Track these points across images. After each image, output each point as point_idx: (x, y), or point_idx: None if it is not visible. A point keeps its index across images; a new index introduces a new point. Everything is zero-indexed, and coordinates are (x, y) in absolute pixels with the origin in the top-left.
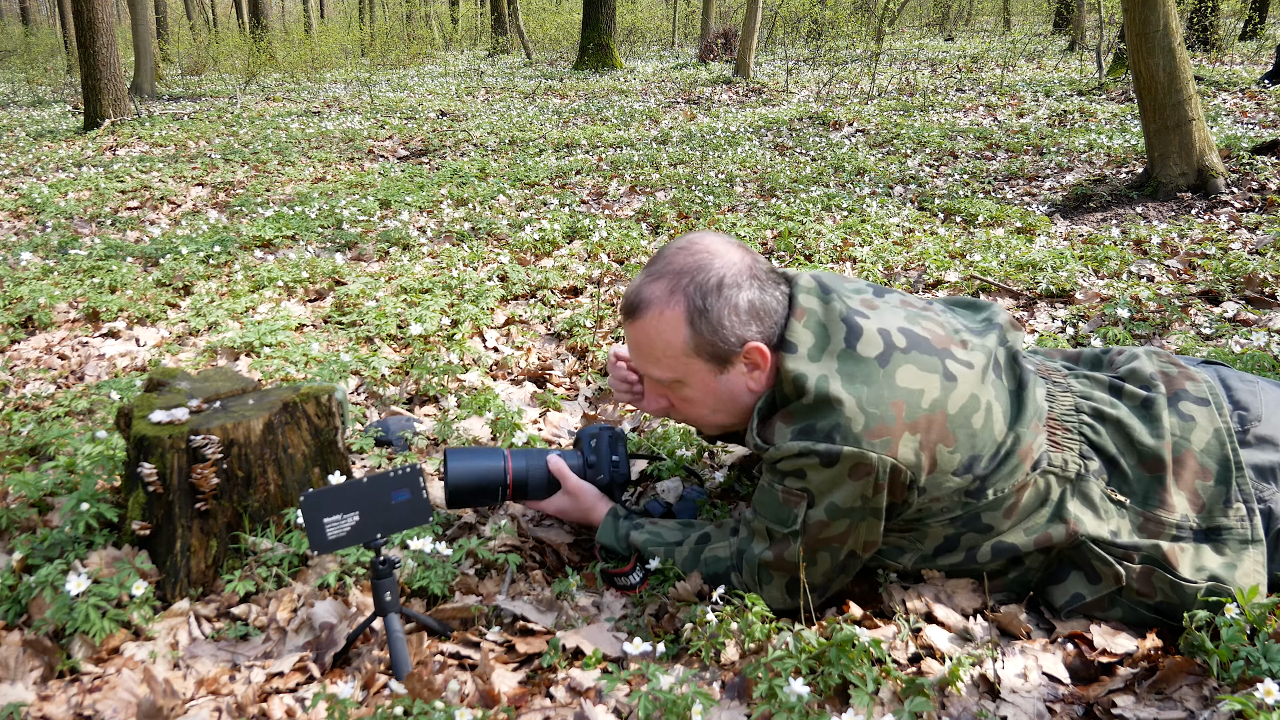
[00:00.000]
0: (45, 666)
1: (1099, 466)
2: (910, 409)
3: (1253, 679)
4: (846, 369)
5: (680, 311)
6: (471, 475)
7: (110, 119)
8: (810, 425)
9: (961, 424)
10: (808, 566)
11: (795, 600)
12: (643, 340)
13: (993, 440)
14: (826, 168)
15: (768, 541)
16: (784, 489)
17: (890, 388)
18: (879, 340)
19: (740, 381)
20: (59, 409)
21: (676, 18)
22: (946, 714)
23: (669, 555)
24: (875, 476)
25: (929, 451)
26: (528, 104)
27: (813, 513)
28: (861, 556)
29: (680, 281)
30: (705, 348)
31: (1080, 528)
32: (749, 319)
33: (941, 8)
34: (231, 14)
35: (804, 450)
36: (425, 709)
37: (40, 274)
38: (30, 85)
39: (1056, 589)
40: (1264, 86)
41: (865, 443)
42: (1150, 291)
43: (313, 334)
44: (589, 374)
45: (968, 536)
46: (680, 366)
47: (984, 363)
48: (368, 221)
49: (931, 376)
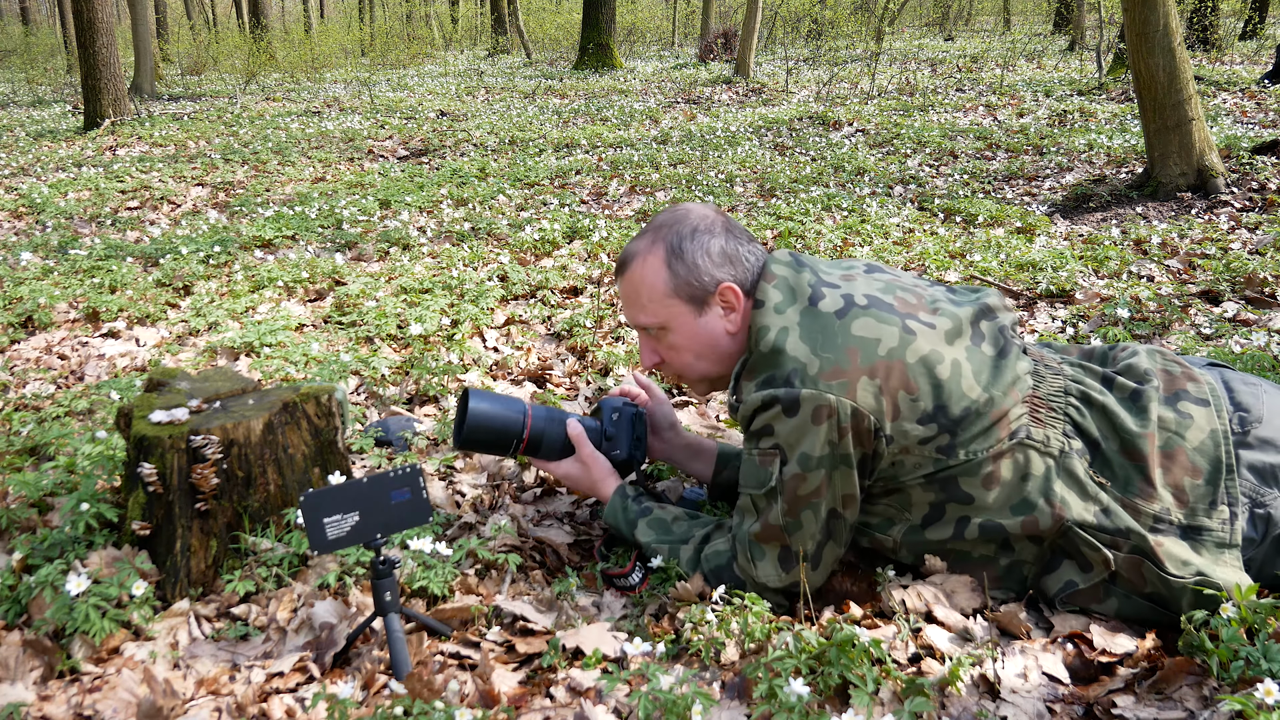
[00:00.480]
0: (45, 666)
1: (1081, 447)
2: (865, 355)
3: (1253, 679)
4: (805, 322)
5: (660, 256)
6: (490, 419)
7: (110, 119)
8: (770, 376)
9: (923, 373)
10: (794, 533)
11: (790, 575)
12: (629, 290)
13: (961, 395)
14: (826, 168)
15: (754, 514)
16: (759, 451)
17: (845, 336)
18: (840, 300)
19: (718, 325)
20: (59, 409)
21: (676, 18)
22: (946, 714)
23: (673, 554)
24: (837, 419)
25: (890, 398)
26: (528, 104)
27: (787, 469)
28: (845, 517)
29: (660, 233)
30: (683, 288)
31: (1066, 512)
32: (722, 261)
33: (941, 8)
34: (231, 14)
35: (766, 399)
36: (425, 709)
37: (40, 274)
38: (30, 85)
39: (1049, 578)
40: (1264, 86)
41: (821, 384)
42: (1150, 291)
43: (313, 334)
44: (589, 374)
45: (952, 506)
46: (663, 310)
47: (949, 326)
48: (368, 221)
49: (888, 329)
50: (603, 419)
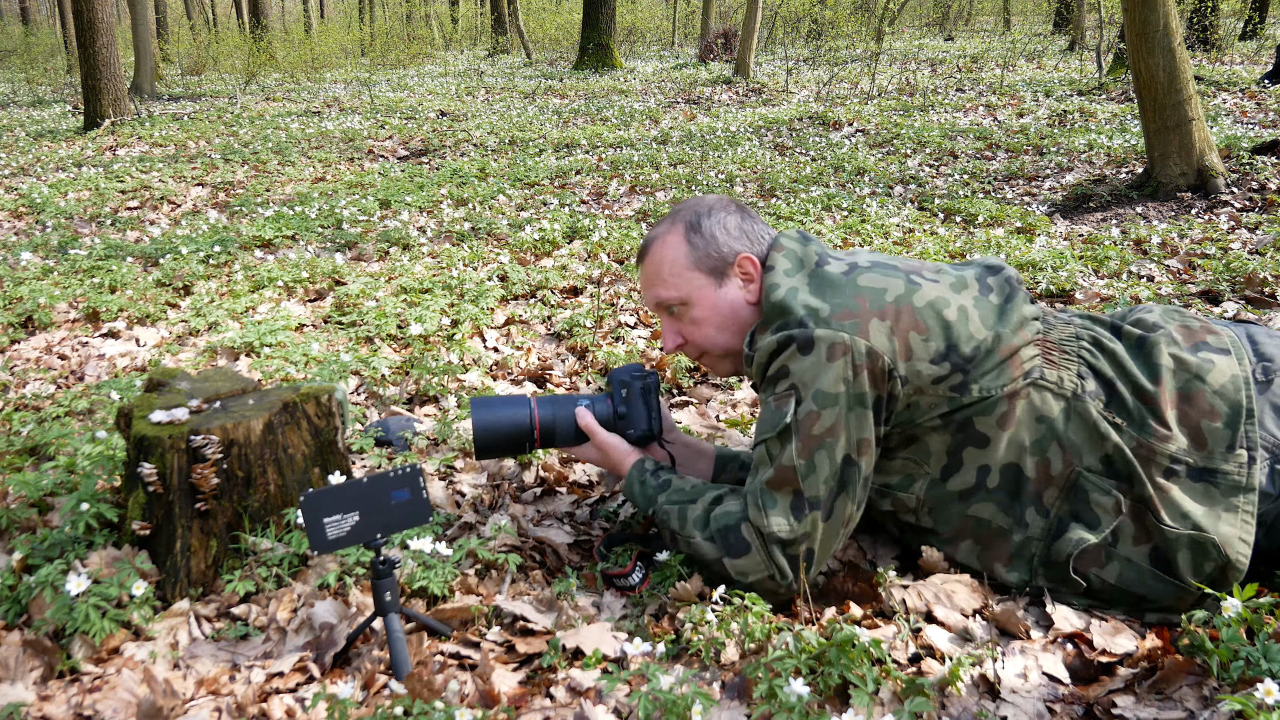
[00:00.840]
0: (45, 666)
1: (1095, 388)
2: (874, 301)
3: (1253, 679)
4: (814, 281)
5: (679, 233)
6: (497, 425)
7: (110, 119)
8: (784, 321)
9: (931, 315)
10: (807, 476)
11: (802, 524)
12: (650, 270)
13: (970, 335)
14: (826, 168)
15: (768, 462)
16: (775, 396)
17: (853, 288)
18: (845, 265)
19: (738, 295)
20: (59, 409)
21: (676, 18)
22: (946, 714)
23: (682, 515)
24: (851, 356)
25: (902, 338)
26: (528, 104)
27: (801, 407)
28: (860, 465)
29: (678, 215)
30: (703, 261)
31: (1076, 457)
32: (739, 234)
33: (941, 8)
34: (231, 14)
35: (781, 340)
36: (425, 709)
37: (40, 274)
38: (30, 85)
39: (1059, 543)
40: (1264, 86)
41: (835, 324)
42: (1150, 291)
43: (313, 334)
44: (589, 374)
45: (969, 451)
46: (684, 283)
47: (953, 280)
48: (368, 221)
49: (894, 280)
50: (613, 396)
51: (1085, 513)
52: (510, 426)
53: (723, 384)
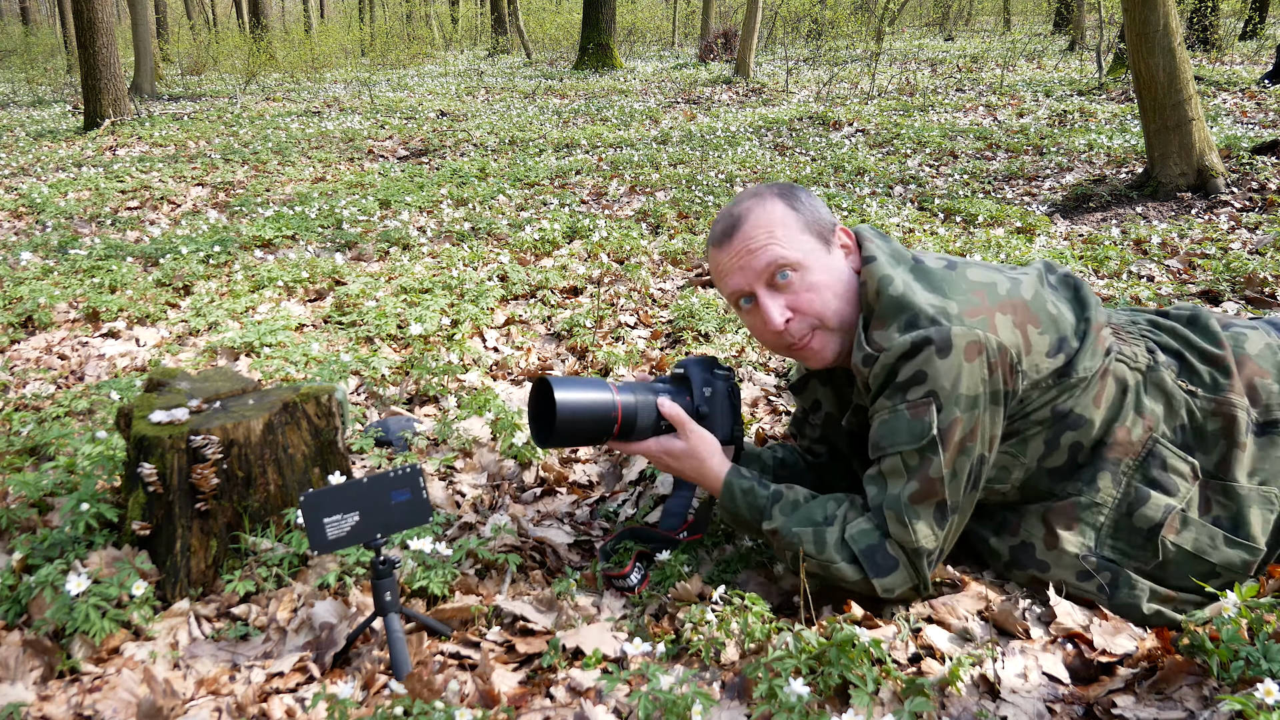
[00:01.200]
0: (45, 666)
1: (1166, 359)
2: (991, 295)
3: (1253, 679)
4: (921, 277)
5: (779, 203)
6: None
7: (110, 119)
8: (912, 317)
9: (1040, 308)
10: (951, 484)
11: (943, 530)
12: (757, 235)
13: (1070, 323)
14: (826, 168)
15: (905, 475)
16: (909, 404)
17: (966, 281)
18: (940, 260)
19: (844, 264)
20: (59, 409)
21: (676, 18)
22: (946, 714)
23: (820, 539)
24: (987, 355)
25: (1023, 332)
26: (528, 104)
27: (944, 415)
28: (988, 459)
29: (760, 192)
30: (812, 224)
31: (1155, 424)
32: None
33: (941, 8)
34: (231, 14)
35: (917, 340)
36: (425, 709)
37: (40, 274)
38: (30, 85)
39: (1143, 510)
40: (1264, 86)
41: (968, 321)
42: (1150, 291)
43: (313, 334)
44: (589, 374)
45: (1066, 435)
46: (801, 244)
47: (1034, 276)
48: (368, 221)
49: (997, 274)
50: (693, 393)
51: (1163, 479)
52: (596, 412)
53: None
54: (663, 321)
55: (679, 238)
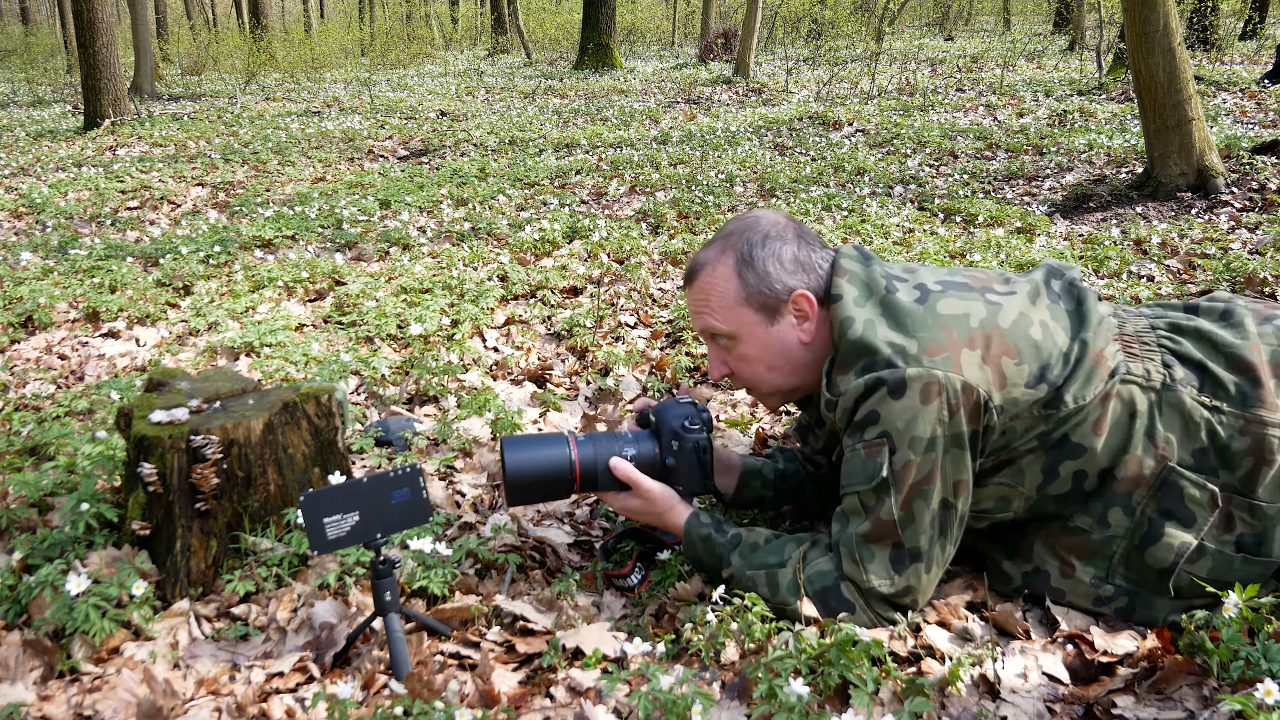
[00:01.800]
0: (45, 666)
1: (1185, 374)
2: (960, 329)
3: (1253, 679)
4: (889, 313)
5: (730, 264)
6: (532, 469)
7: (110, 119)
8: (870, 362)
9: (1020, 336)
10: (906, 527)
11: (903, 578)
12: (699, 298)
13: (1058, 349)
14: (826, 168)
15: (861, 514)
16: (864, 444)
17: (934, 316)
18: (915, 291)
19: (791, 335)
20: (59, 409)
21: (676, 18)
22: (946, 714)
23: (771, 583)
24: (946, 396)
25: (994, 367)
26: (528, 104)
27: (897, 457)
28: (956, 507)
29: (730, 240)
30: (754, 297)
31: (1169, 452)
32: (794, 268)
33: (941, 7)
34: (231, 14)
35: (870, 383)
36: (425, 709)
37: (40, 274)
38: (30, 85)
39: (1157, 548)
40: (1264, 86)
41: (926, 360)
42: (1150, 291)
43: (313, 334)
44: (589, 374)
45: (1065, 464)
46: (734, 318)
47: (1027, 290)
48: (368, 221)
49: (973, 303)
50: (661, 443)
51: (1179, 510)
52: (547, 469)
53: (723, 384)
54: (663, 321)
55: (679, 238)
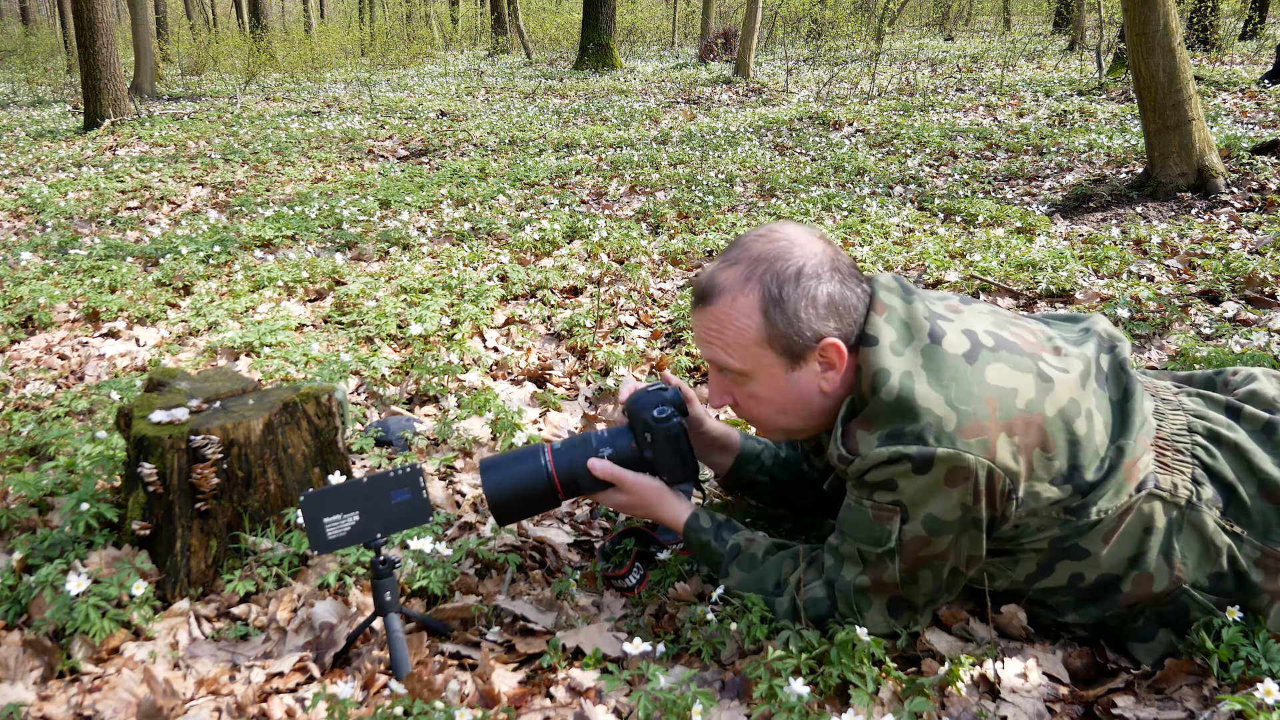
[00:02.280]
0: (45, 666)
1: (1213, 494)
2: (1004, 408)
3: (1253, 679)
4: (932, 365)
5: (755, 299)
6: (511, 488)
7: (110, 119)
8: (898, 429)
9: (1060, 429)
10: (908, 587)
11: (900, 621)
12: (713, 328)
13: (1095, 451)
14: (826, 168)
15: (860, 566)
16: (874, 505)
17: (981, 384)
18: (964, 339)
19: (812, 382)
20: (59, 409)
21: (676, 18)
22: (946, 714)
23: (770, 605)
24: (974, 482)
25: (1027, 456)
26: (528, 104)
27: (908, 528)
28: (965, 573)
29: (757, 269)
30: (779, 340)
31: (1185, 573)
32: (827, 314)
33: (941, 8)
34: (231, 14)
35: (893, 456)
36: (425, 709)
37: (40, 274)
38: (30, 85)
39: (1141, 648)
40: (1264, 86)
41: (960, 443)
42: (1150, 291)
43: (313, 334)
44: (589, 374)
45: (1063, 564)
46: (750, 358)
47: (1081, 369)
48: (368, 221)
49: (1025, 376)
50: (636, 436)
51: (1177, 622)
52: (527, 485)
53: None
54: (663, 321)
55: (679, 238)
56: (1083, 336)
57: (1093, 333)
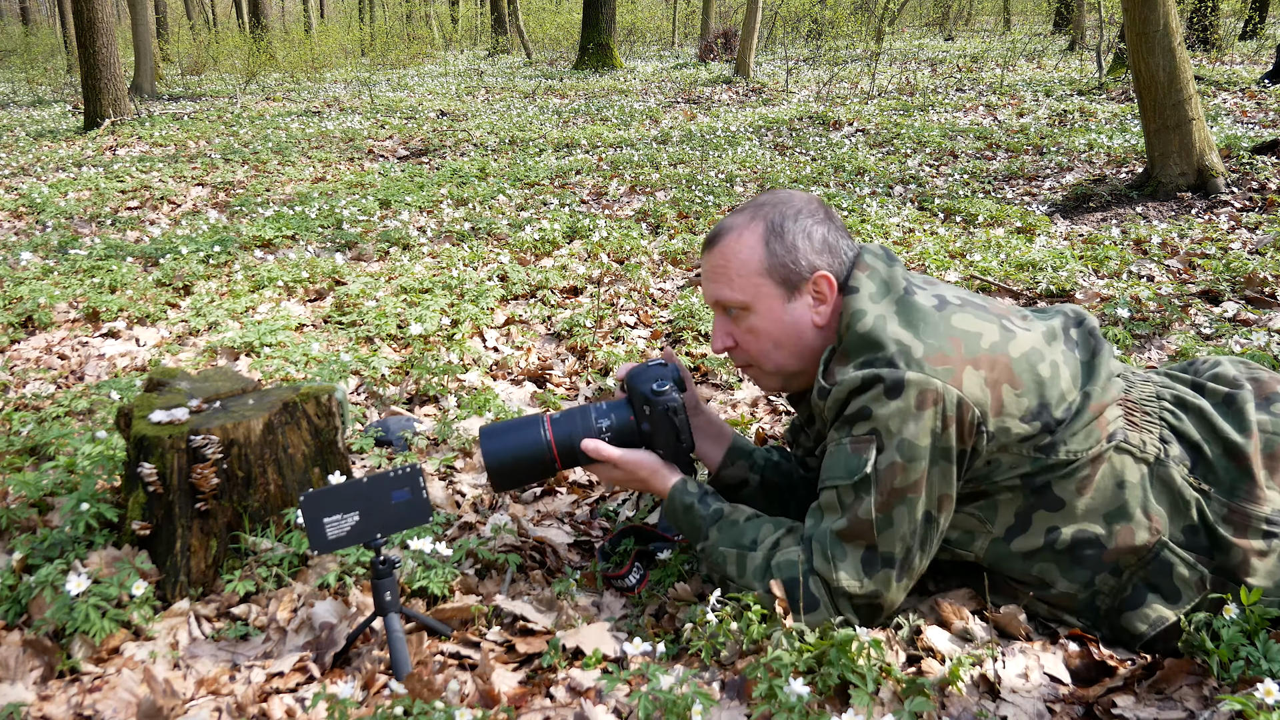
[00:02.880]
0: (45, 666)
1: (1180, 452)
2: (969, 347)
3: (1253, 679)
4: (903, 312)
5: (759, 232)
6: (509, 454)
7: (110, 119)
8: (871, 357)
9: (1026, 369)
10: (884, 530)
11: (873, 581)
12: (719, 263)
13: (1061, 393)
14: (826, 168)
15: (838, 510)
16: (851, 439)
17: (947, 327)
18: (934, 298)
19: (806, 315)
20: (59, 409)
21: (676, 18)
22: (946, 714)
23: (741, 564)
24: (943, 407)
25: (995, 391)
26: (528, 104)
27: (883, 456)
28: (938, 521)
29: (761, 209)
30: (778, 269)
31: (1162, 526)
32: (822, 248)
33: (941, 8)
34: (231, 14)
35: (867, 378)
36: (425, 709)
37: (40, 274)
38: (30, 85)
39: (1133, 615)
40: (1264, 86)
41: (928, 368)
42: (1150, 291)
43: (313, 334)
44: (589, 374)
45: (1040, 515)
46: (751, 287)
47: (1045, 330)
48: (368, 221)
49: (988, 324)
50: (635, 409)
51: (1164, 584)
52: (524, 453)
53: (723, 383)
54: (663, 321)
55: (679, 238)
56: (1048, 312)
57: (1060, 311)
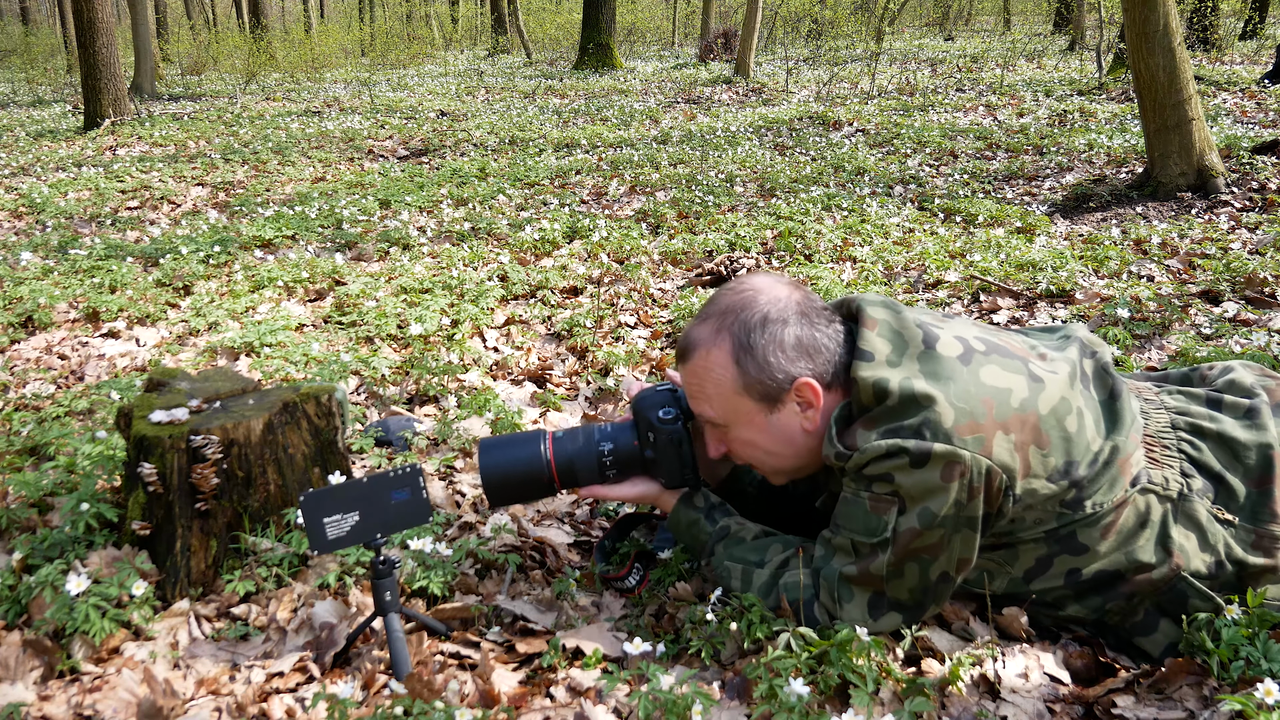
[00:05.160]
0: (45, 666)
1: (1203, 485)
2: (1000, 407)
3: (1253, 679)
4: (929, 368)
5: (726, 350)
6: (507, 469)
7: (110, 119)
8: (898, 425)
9: (1054, 426)
10: (892, 580)
11: (878, 621)
12: (693, 382)
13: (1087, 447)
14: (826, 167)
15: (851, 556)
16: (871, 495)
17: (977, 384)
18: (957, 344)
19: (794, 422)
20: (59, 409)
21: (676, 18)
22: (946, 714)
23: (746, 579)
24: (969, 478)
25: (1022, 454)
26: (528, 104)
27: (904, 519)
28: (954, 579)
29: (726, 320)
30: (754, 386)
31: (1184, 560)
32: (796, 355)
33: (941, 8)
34: (231, 14)
35: (892, 449)
36: (425, 709)
37: (40, 274)
38: (30, 85)
39: (1147, 640)
40: (1264, 86)
41: (957, 439)
42: (1150, 291)
43: (313, 334)
44: (589, 374)
45: (1062, 559)
46: (730, 408)
47: (1068, 370)
48: (368, 221)
49: (1017, 377)
50: (639, 434)
51: (1176, 612)
52: (522, 470)
53: None
54: (663, 321)
55: (679, 238)
56: (1063, 343)
57: (1073, 339)
